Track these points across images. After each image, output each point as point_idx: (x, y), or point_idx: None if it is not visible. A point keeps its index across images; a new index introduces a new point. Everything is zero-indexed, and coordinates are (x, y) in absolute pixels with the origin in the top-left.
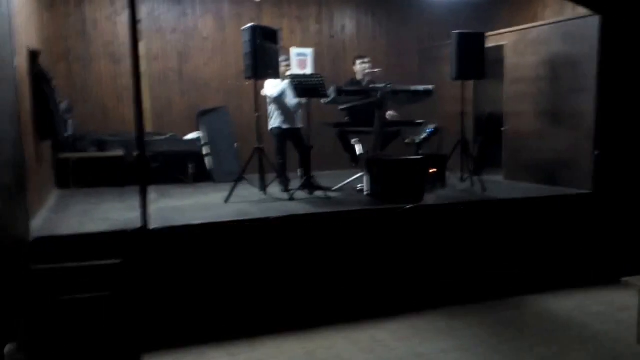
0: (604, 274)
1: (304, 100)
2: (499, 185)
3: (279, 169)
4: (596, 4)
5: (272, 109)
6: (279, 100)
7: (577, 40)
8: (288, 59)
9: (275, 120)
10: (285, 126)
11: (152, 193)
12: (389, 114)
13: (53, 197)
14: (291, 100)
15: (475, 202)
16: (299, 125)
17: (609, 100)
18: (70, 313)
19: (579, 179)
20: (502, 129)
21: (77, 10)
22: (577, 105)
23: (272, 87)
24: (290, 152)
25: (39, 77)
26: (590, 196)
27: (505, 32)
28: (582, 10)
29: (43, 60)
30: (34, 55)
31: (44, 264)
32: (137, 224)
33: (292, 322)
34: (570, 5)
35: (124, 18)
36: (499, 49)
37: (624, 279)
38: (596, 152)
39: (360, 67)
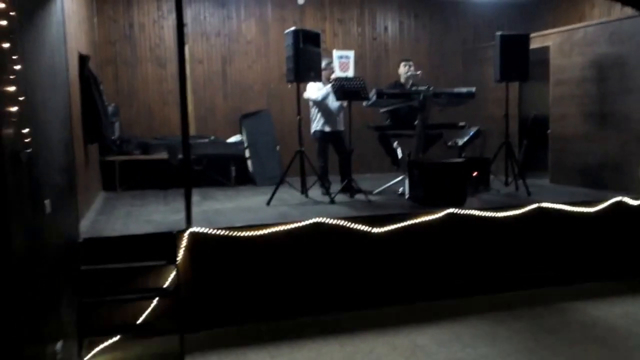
0: None
1: (345, 103)
2: (544, 188)
3: (320, 172)
4: None
5: (314, 112)
6: (321, 103)
7: (625, 41)
8: (331, 62)
9: (317, 123)
10: (327, 129)
11: (195, 195)
12: None
13: (99, 199)
14: (333, 103)
15: (519, 206)
16: (341, 128)
17: None
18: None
19: (628, 182)
20: (548, 131)
21: (125, 15)
22: (625, 106)
23: (315, 91)
24: (331, 155)
25: (88, 81)
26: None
27: (550, 33)
28: (629, 10)
29: (92, 64)
30: (83, 60)
31: (90, 265)
32: (181, 226)
33: (332, 325)
34: (618, 4)
35: (170, 22)
36: (544, 50)
37: None
38: None
39: (404, 70)
